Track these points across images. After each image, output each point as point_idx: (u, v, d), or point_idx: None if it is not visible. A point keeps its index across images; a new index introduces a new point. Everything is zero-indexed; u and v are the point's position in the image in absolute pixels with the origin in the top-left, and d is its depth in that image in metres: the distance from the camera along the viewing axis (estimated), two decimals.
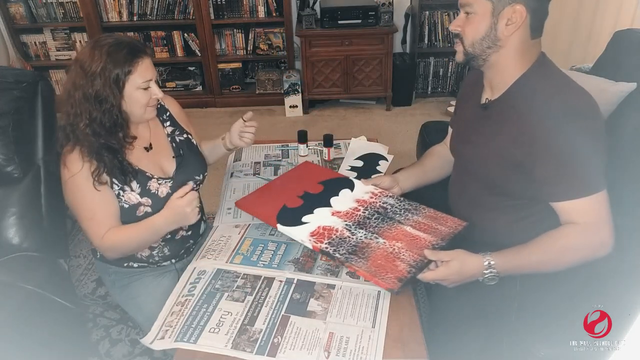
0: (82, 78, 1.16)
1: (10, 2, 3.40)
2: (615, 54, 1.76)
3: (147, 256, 1.37)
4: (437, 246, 1.12)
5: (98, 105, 1.17)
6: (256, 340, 1.04)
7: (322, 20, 3.30)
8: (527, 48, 1.13)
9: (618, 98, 1.60)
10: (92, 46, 1.17)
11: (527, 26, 1.10)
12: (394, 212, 1.25)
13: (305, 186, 1.43)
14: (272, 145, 1.88)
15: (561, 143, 1.06)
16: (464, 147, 1.32)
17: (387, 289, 1.05)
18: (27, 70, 2.01)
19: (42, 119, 1.52)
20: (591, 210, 1.08)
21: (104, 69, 1.15)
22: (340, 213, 1.29)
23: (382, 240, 1.17)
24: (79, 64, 1.17)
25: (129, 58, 1.17)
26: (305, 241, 1.22)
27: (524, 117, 1.10)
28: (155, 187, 1.29)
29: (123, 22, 3.52)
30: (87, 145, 1.19)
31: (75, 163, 1.19)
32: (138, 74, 1.19)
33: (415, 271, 1.06)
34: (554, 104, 1.07)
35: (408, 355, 1.01)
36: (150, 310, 1.30)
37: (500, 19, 1.09)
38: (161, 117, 1.41)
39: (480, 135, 1.23)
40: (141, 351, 1.71)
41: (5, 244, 1.40)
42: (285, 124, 3.49)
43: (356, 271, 1.11)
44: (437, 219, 1.21)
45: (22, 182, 1.46)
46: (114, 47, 1.16)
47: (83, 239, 2.32)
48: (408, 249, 1.12)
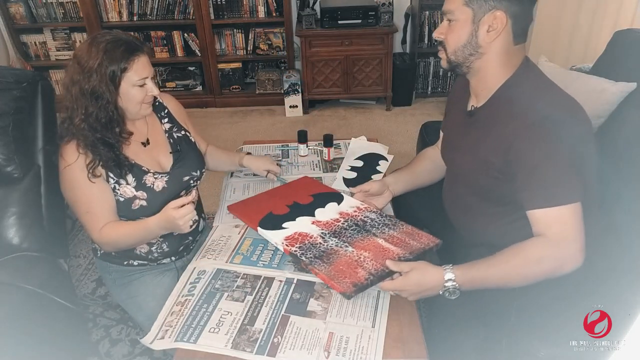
0: (79, 73, 1.18)
1: (10, 2, 3.40)
2: (615, 54, 1.76)
3: (146, 252, 1.38)
4: (402, 258, 1.11)
5: (94, 100, 1.19)
6: (256, 340, 1.04)
7: (322, 20, 3.30)
8: (510, 54, 1.12)
9: (618, 98, 1.60)
10: (90, 42, 1.19)
11: (509, 32, 1.09)
12: (371, 226, 1.26)
13: (297, 197, 1.45)
14: (272, 145, 1.88)
15: (537, 151, 1.05)
16: (453, 154, 1.32)
17: (340, 292, 1.05)
18: (27, 70, 2.01)
19: (42, 119, 1.52)
20: (561, 222, 1.04)
21: (100, 65, 1.16)
22: (320, 222, 1.31)
23: (351, 249, 1.18)
24: (76, 60, 1.19)
25: (125, 55, 1.18)
26: (278, 244, 1.24)
27: (505, 124, 1.10)
28: (151, 181, 1.30)
29: (123, 22, 3.52)
30: (83, 138, 1.21)
31: (71, 154, 1.21)
32: (134, 72, 1.20)
33: (374, 279, 1.06)
34: (533, 111, 1.06)
35: (408, 355, 1.01)
36: (151, 309, 1.30)
37: (481, 26, 1.08)
38: (159, 113, 1.43)
39: (466, 142, 1.23)
40: (141, 351, 1.71)
41: (5, 244, 1.40)
42: (285, 124, 3.49)
43: (316, 274, 1.12)
44: (412, 235, 1.20)
45: (22, 182, 1.46)
46: (111, 44, 1.17)
47: (83, 239, 2.32)
48: (373, 259, 1.12)
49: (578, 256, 1.05)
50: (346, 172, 1.67)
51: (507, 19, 1.06)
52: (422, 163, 1.52)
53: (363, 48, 3.35)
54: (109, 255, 1.39)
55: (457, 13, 1.10)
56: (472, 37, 1.10)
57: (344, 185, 1.59)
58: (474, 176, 1.21)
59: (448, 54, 1.16)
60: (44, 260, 1.42)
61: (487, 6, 1.06)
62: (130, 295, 1.39)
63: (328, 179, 1.65)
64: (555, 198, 1.04)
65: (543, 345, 1.14)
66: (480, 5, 1.07)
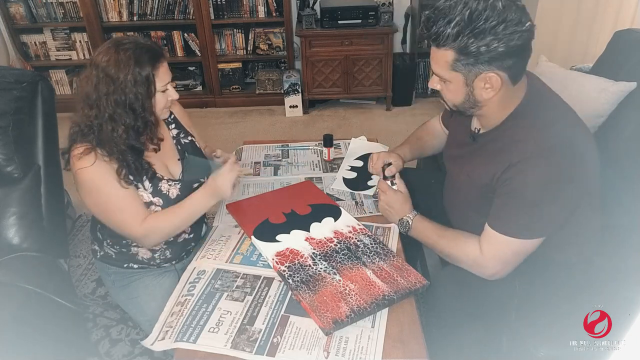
0: (108, 84, 1.15)
1: (10, 2, 3.40)
2: (615, 54, 1.76)
3: (148, 258, 1.37)
4: (387, 298, 1.11)
5: (131, 111, 1.18)
6: (256, 340, 1.04)
7: (322, 20, 3.30)
8: (511, 94, 1.09)
9: (618, 98, 1.60)
10: (114, 50, 1.16)
11: (508, 81, 1.05)
12: (363, 252, 1.26)
13: (295, 205, 1.45)
14: (272, 145, 1.88)
15: (516, 181, 1.06)
16: (453, 166, 1.35)
17: (320, 327, 1.05)
18: (27, 70, 2.01)
19: (42, 119, 1.52)
20: (496, 247, 1.11)
21: (133, 74, 1.15)
22: (313, 240, 1.31)
23: (339, 277, 1.17)
24: (102, 70, 1.15)
25: (151, 62, 1.18)
26: (269, 259, 1.25)
27: (507, 152, 1.10)
28: (166, 188, 1.30)
29: (123, 22, 3.52)
30: (113, 146, 1.19)
31: (90, 157, 1.18)
32: (159, 78, 1.21)
33: (354, 317, 1.06)
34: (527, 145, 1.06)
35: (408, 355, 1.01)
36: (151, 310, 1.30)
37: (476, 86, 1.05)
38: (166, 119, 1.42)
39: (466, 162, 1.26)
40: (141, 351, 1.71)
41: (5, 244, 1.40)
42: (285, 124, 3.49)
43: (300, 302, 1.12)
44: (401, 270, 1.20)
45: (22, 182, 1.46)
46: (138, 51, 1.16)
47: (83, 239, 2.32)
48: (358, 293, 1.12)
49: (491, 275, 1.15)
50: (346, 172, 1.67)
51: (501, 75, 1.02)
52: (428, 138, 1.57)
53: (363, 48, 3.35)
54: (109, 258, 1.39)
55: (446, 78, 1.07)
56: (469, 96, 1.08)
57: (344, 186, 1.59)
58: (469, 194, 1.25)
59: (448, 104, 1.17)
60: (44, 260, 1.42)
61: (475, 70, 1.02)
62: (130, 297, 1.39)
63: (328, 179, 1.65)
64: (504, 227, 1.10)
65: (543, 345, 1.14)
66: (469, 69, 1.02)
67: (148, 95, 1.19)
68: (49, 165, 1.53)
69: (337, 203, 1.48)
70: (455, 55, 1.00)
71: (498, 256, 1.12)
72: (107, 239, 1.37)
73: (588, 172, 1.10)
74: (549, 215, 1.09)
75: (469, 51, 0.98)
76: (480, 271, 1.16)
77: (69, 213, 2.38)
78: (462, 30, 0.97)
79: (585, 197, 1.13)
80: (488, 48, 0.96)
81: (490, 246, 1.13)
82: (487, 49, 0.97)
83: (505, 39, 0.96)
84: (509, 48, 0.97)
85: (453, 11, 0.97)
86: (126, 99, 1.16)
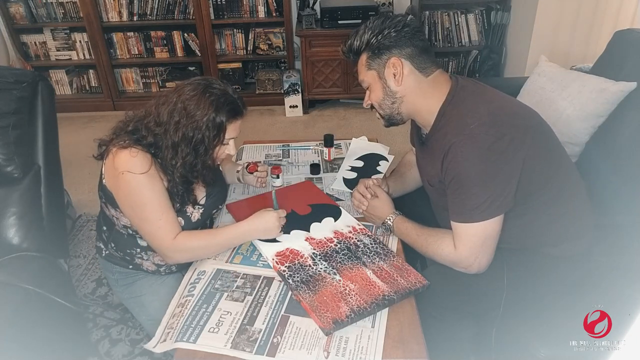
0: (182, 116, 1.17)
1: (10, 2, 3.40)
2: (615, 54, 1.76)
3: (153, 270, 1.38)
4: (387, 298, 1.11)
5: (193, 151, 1.20)
6: (256, 340, 1.04)
7: (322, 20, 3.30)
8: (428, 86, 1.20)
9: (618, 98, 1.60)
10: (202, 90, 1.18)
11: (413, 69, 1.18)
12: (363, 252, 1.26)
13: (295, 205, 1.46)
14: (272, 145, 1.88)
15: (452, 169, 1.12)
16: (421, 175, 1.39)
17: (320, 327, 1.05)
18: (27, 70, 2.00)
19: (42, 119, 1.52)
20: (464, 237, 1.15)
21: (208, 118, 1.17)
22: (313, 240, 1.32)
23: (339, 277, 1.17)
24: (182, 100, 1.18)
25: (229, 115, 1.20)
26: (269, 259, 1.25)
27: (442, 146, 1.15)
28: (190, 210, 1.30)
29: (123, 22, 3.52)
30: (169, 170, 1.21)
31: (145, 162, 1.18)
32: (229, 131, 1.23)
33: (354, 317, 1.06)
34: (459, 130, 1.11)
35: (408, 355, 1.01)
36: (154, 308, 1.30)
37: (387, 77, 1.20)
38: None
39: (424, 167, 1.33)
40: (141, 351, 1.71)
41: (5, 244, 1.40)
42: (285, 124, 3.49)
43: (300, 302, 1.12)
44: (401, 270, 1.20)
45: (22, 182, 1.46)
46: (222, 100, 1.19)
47: (83, 239, 2.32)
48: (358, 293, 1.12)
49: (477, 269, 1.17)
50: (346, 172, 1.67)
51: (401, 61, 1.17)
52: (410, 172, 1.56)
53: None
54: (115, 257, 1.38)
55: (367, 79, 1.24)
56: (386, 89, 1.22)
57: (344, 186, 1.59)
58: (437, 197, 1.30)
59: (379, 112, 1.28)
60: (44, 260, 1.42)
61: (381, 60, 1.19)
62: (133, 295, 1.39)
63: (328, 179, 1.65)
64: (461, 216, 1.14)
65: (543, 345, 1.14)
66: (378, 62, 1.20)
67: (214, 141, 1.21)
68: (49, 165, 1.53)
69: (337, 203, 1.49)
70: (368, 54, 1.21)
71: (468, 246, 1.15)
72: (111, 242, 1.36)
73: (526, 140, 1.11)
74: (494, 191, 1.10)
75: (372, 44, 1.19)
76: (460, 266, 1.18)
77: (69, 213, 2.38)
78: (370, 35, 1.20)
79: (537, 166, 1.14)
80: (384, 35, 1.18)
81: (459, 239, 1.16)
82: (383, 36, 1.18)
83: (394, 27, 1.18)
84: (398, 33, 1.17)
85: (360, 29, 1.22)
86: (193, 137, 1.18)
